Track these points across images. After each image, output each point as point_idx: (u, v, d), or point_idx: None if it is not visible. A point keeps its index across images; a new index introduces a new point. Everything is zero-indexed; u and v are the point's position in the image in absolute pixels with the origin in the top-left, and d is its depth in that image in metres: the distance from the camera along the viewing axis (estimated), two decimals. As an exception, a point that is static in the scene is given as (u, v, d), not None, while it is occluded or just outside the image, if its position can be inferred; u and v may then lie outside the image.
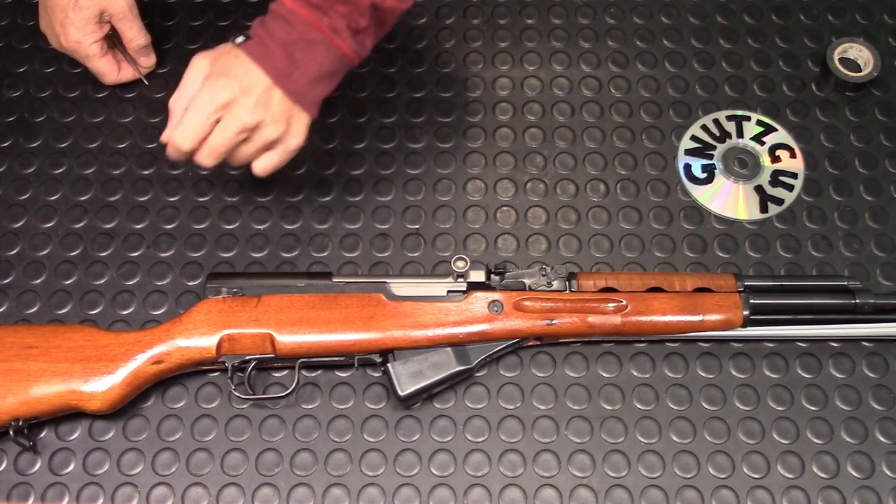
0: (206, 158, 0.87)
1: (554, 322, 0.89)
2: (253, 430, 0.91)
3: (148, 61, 1.07)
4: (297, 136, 0.89)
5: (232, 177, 1.04)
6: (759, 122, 1.07)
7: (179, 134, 0.86)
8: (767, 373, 0.93)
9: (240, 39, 0.87)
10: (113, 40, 1.04)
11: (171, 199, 1.02)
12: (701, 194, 1.03)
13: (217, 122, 0.85)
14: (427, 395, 0.90)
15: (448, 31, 1.13)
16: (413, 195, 1.03)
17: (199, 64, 0.87)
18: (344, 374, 0.93)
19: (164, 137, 0.88)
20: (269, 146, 0.88)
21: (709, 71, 1.11)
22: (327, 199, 1.03)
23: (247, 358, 0.89)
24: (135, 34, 1.03)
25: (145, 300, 0.97)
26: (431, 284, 0.91)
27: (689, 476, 0.89)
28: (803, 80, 1.10)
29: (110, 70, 1.05)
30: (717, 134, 1.07)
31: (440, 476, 0.89)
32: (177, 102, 0.87)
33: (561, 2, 1.15)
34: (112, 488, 0.88)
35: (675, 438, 0.90)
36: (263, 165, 0.90)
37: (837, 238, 1.00)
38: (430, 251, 1.00)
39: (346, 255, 1.00)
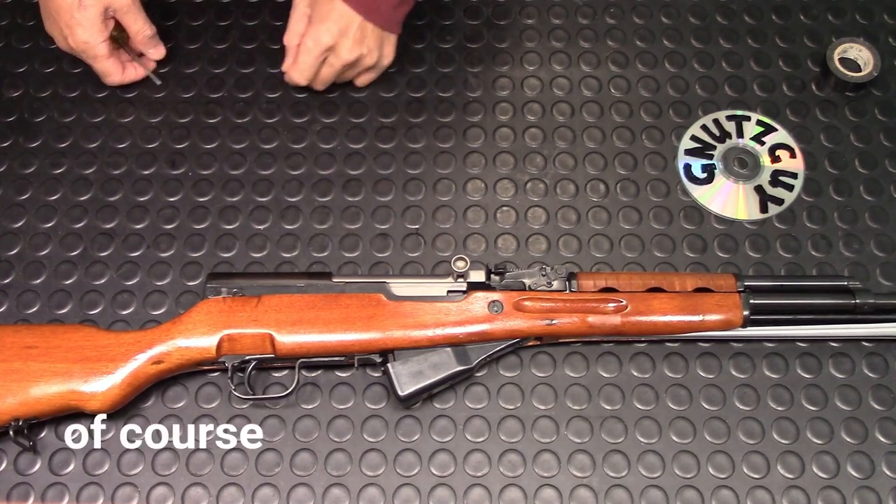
0: (319, 86, 1.06)
1: (554, 322, 0.89)
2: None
3: (158, 52, 1.08)
4: (388, 56, 1.04)
5: (232, 176, 1.04)
6: (759, 122, 1.07)
7: (295, 73, 1.04)
8: (767, 373, 0.93)
9: None
10: (118, 41, 1.04)
11: (171, 199, 1.02)
12: (701, 194, 1.03)
13: (324, 61, 1.02)
14: (427, 395, 0.90)
15: (448, 31, 1.13)
16: (413, 195, 1.03)
17: (300, 5, 1.01)
18: (344, 374, 0.93)
19: (285, 68, 1.05)
20: (368, 68, 1.05)
21: (709, 71, 1.11)
22: (327, 199, 1.03)
23: (247, 358, 0.89)
24: (141, 26, 1.04)
25: (145, 300, 0.97)
26: (431, 284, 0.91)
27: (689, 476, 0.89)
28: (803, 80, 1.10)
29: (115, 70, 1.05)
30: (717, 134, 1.07)
31: (440, 476, 0.89)
32: (290, 40, 1.03)
33: (561, 2, 1.15)
34: (112, 488, 0.88)
35: (675, 438, 0.90)
36: (364, 82, 1.08)
37: (837, 238, 1.00)
38: (430, 251, 1.00)
39: (346, 255, 1.00)
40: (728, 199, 1.03)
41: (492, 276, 0.92)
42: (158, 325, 0.90)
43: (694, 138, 1.06)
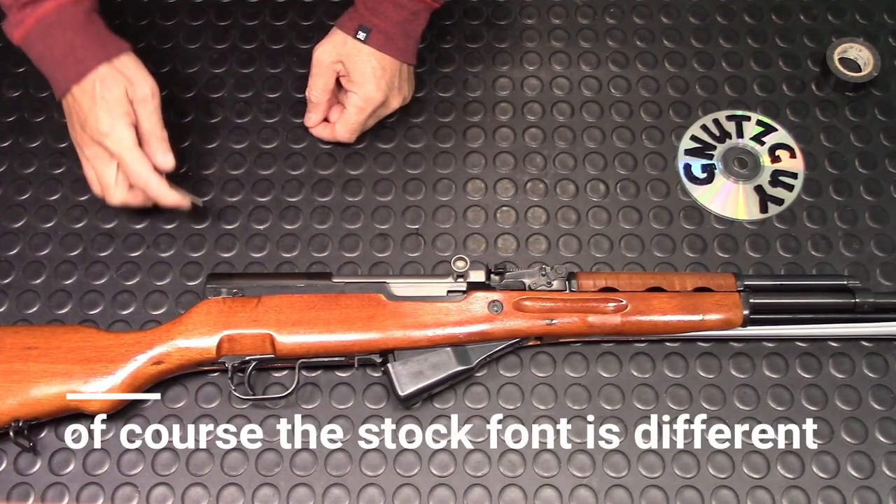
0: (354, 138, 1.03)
1: (554, 322, 0.89)
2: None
3: (166, 161, 0.93)
4: (413, 86, 1.04)
5: (232, 176, 1.04)
6: (759, 122, 1.07)
7: (344, 133, 1.02)
8: (767, 373, 0.93)
9: (362, 35, 0.96)
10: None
11: (171, 200, 1.02)
12: (701, 194, 1.03)
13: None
14: (427, 395, 0.90)
15: (448, 31, 1.13)
16: (413, 195, 1.03)
17: (326, 59, 0.98)
18: (344, 374, 0.93)
19: (310, 124, 1.03)
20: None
21: (709, 71, 1.11)
22: (327, 199, 1.03)
23: (247, 358, 0.89)
24: (153, 125, 0.93)
25: (145, 300, 0.97)
26: (431, 284, 0.91)
27: (689, 476, 0.89)
28: (803, 80, 1.10)
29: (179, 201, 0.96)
30: (717, 134, 1.07)
31: (440, 476, 0.89)
32: (317, 97, 1.01)
33: (561, 2, 1.15)
34: (112, 488, 0.88)
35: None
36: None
37: (837, 238, 1.00)
38: (430, 251, 1.00)
39: (346, 255, 1.00)
40: (728, 199, 1.03)
41: (492, 276, 0.92)
42: (158, 325, 0.90)
43: (694, 138, 1.06)
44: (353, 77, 0.98)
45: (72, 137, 0.96)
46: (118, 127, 0.90)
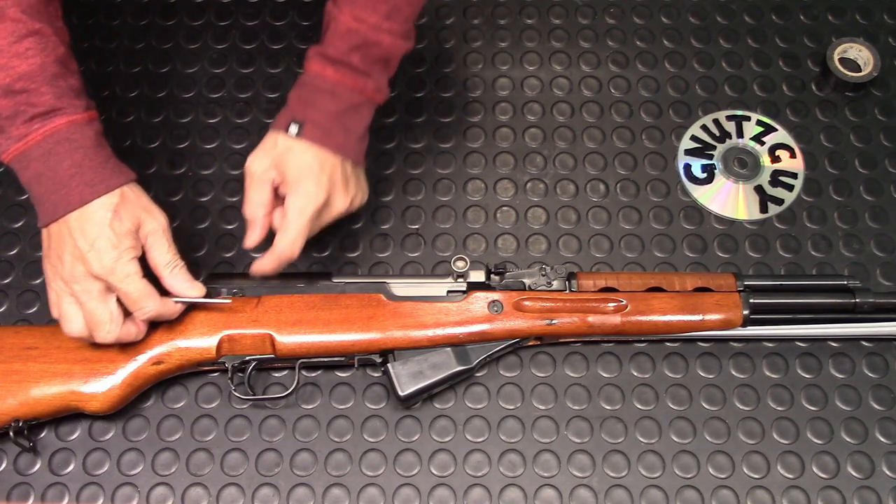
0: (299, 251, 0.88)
1: (554, 322, 0.89)
2: (253, 430, 0.91)
3: (195, 288, 0.87)
4: (365, 190, 0.94)
5: (232, 176, 1.04)
6: (759, 122, 1.07)
7: (286, 248, 0.86)
8: (767, 373, 0.93)
9: (294, 130, 0.86)
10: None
11: (172, 199, 1.02)
12: (701, 194, 1.03)
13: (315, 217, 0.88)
14: (427, 395, 0.90)
15: (448, 31, 1.13)
16: (413, 195, 1.03)
17: (258, 168, 0.87)
18: (344, 374, 0.93)
19: (250, 244, 0.88)
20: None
21: (709, 71, 1.11)
22: (327, 199, 1.03)
23: (247, 358, 0.89)
24: (163, 254, 0.86)
25: (145, 300, 0.97)
26: (431, 284, 0.91)
27: (689, 476, 0.89)
28: (803, 80, 1.10)
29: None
30: (717, 134, 1.07)
31: (440, 476, 0.89)
32: (254, 212, 0.87)
33: (561, 2, 1.15)
34: (112, 488, 0.88)
35: (675, 438, 0.90)
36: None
37: (837, 238, 1.00)
38: (430, 251, 1.00)
39: (346, 255, 0.99)
40: (728, 199, 1.03)
41: (492, 276, 0.92)
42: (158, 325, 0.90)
43: (694, 138, 1.06)
44: (289, 177, 0.86)
45: (49, 270, 0.83)
46: (123, 261, 0.80)
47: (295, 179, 0.86)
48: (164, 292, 0.85)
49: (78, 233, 0.80)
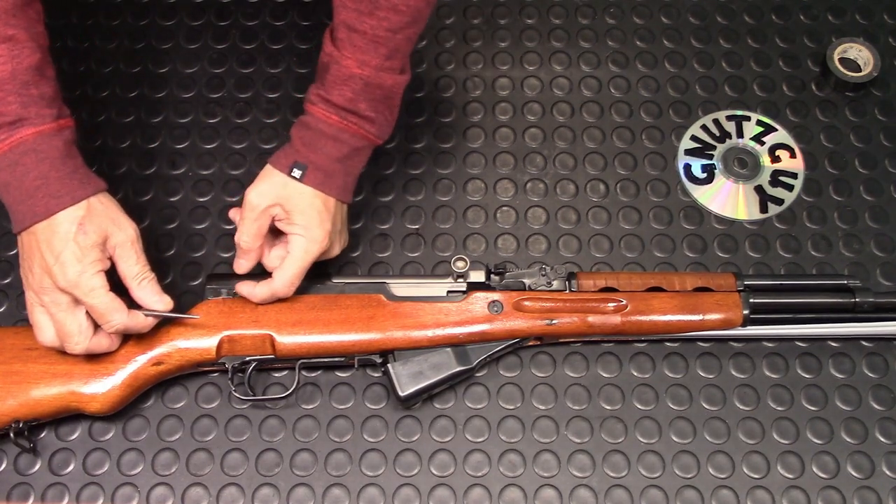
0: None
1: (554, 322, 0.89)
2: (253, 430, 0.91)
3: (163, 302, 0.85)
4: (349, 232, 0.95)
5: (232, 176, 1.04)
6: (759, 122, 1.07)
7: (282, 287, 0.87)
8: (767, 373, 0.93)
9: (297, 173, 0.86)
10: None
11: (172, 199, 1.02)
12: (701, 194, 1.03)
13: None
14: (427, 395, 0.90)
15: (448, 31, 1.13)
16: (413, 195, 1.03)
17: (262, 203, 0.86)
18: (344, 375, 0.93)
19: (240, 270, 0.89)
20: None
21: (709, 71, 1.11)
22: (327, 199, 1.03)
23: (247, 359, 0.89)
24: (131, 266, 0.84)
25: (145, 300, 0.97)
26: (431, 285, 0.91)
27: (689, 476, 0.89)
28: (803, 80, 1.10)
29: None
30: (717, 134, 1.07)
31: (440, 476, 0.89)
32: (249, 243, 0.88)
33: (561, 2, 1.15)
34: (112, 488, 0.88)
35: (675, 438, 0.90)
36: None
37: (837, 238, 1.00)
38: (430, 251, 1.00)
39: (347, 255, 0.99)
40: (728, 199, 1.03)
41: (492, 276, 0.92)
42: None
43: (694, 138, 1.06)
44: (295, 219, 0.86)
45: (23, 278, 0.83)
46: (87, 275, 0.79)
47: (304, 223, 0.86)
48: (135, 305, 0.84)
49: (45, 245, 0.79)
